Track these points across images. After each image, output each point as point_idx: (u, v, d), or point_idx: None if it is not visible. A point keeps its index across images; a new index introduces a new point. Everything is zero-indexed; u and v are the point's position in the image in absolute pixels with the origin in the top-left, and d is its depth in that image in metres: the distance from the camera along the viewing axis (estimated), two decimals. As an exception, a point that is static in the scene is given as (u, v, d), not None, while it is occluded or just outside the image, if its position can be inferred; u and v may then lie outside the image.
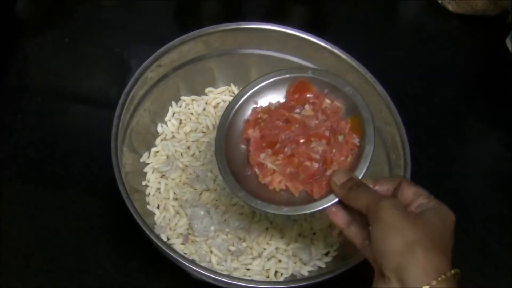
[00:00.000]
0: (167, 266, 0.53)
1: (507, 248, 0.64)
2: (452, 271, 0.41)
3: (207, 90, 0.68)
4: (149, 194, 0.61)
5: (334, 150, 0.51)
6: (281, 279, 0.57)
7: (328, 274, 0.52)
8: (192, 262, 0.51)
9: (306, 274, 0.57)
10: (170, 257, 0.51)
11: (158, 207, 0.60)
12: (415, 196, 0.46)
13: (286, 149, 0.52)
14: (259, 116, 0.54)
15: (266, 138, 0.53)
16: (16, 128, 0.66)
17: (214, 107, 0.67)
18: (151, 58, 0.60)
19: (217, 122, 0.59)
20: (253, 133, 0.54)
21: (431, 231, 0.42)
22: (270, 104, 0.55)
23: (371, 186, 0.48)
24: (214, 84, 0.68)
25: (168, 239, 0.58)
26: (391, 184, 0.48)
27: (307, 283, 0.52)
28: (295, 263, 0.58)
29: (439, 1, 0.84)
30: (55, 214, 0.60)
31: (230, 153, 0.53)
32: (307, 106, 0.54)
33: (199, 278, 0.52)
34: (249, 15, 0.80)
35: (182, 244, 0.58)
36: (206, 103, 0.67)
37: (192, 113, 0.66)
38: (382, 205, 0.44)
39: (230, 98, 0.67)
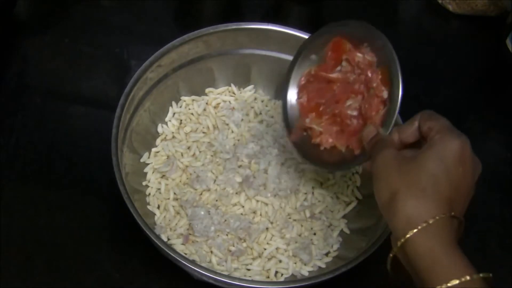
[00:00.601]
0: (167, 266, 0.53)
1: (507, 248, 0.64)
2: (445, 215, 0.40)
3: (207, 90, 0.68)
4: (150, 194, 0.61)
5: (366, 106, 0.52)
6: (281, 279, 0.57)
7: (328, 274, 0.52)
8: (193, 262, 0.51)
9: (306, 274, 0.58)
10: (170, 258, 0.51)
11: (158, 207, 0.60)
12: (429, 130, 0.45)
13: (328, 109, 0.55)
14: (307, 79, 0.57)
15: (310, 101, 0.56)
16: (16, 128, 0.66)
17: (215, 107, 0.67)
18: (151, 59, 0.60)
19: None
20: (300, 99, 0.57)
21: (415, 177, 0.41)
22: (310, 68, 0.57)
23: (396, 136, 0.47)
24: (214, 84, 0.68)
25: (169, 239, 0.58)
26: (412, 127, 0.47)
27: (307, 283, 0.52)
28: (295, 263, 0.58)
29: (439, 1, 0.84)
30: (55, 214, 0.60)
31: None
32: (344, 63, 0.55)
33: (199, 279, 0.52)
34: (249, 16, 0.80)
35: (183, 244, 0.58)
36: (207, 103, 0.67)
37: (192, 114, 0.66)
38: (377, 156, 0.44)
39: (231, 98, 0.67)
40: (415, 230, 0.39)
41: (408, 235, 0.39)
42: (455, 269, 0.38)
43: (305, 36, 0.62)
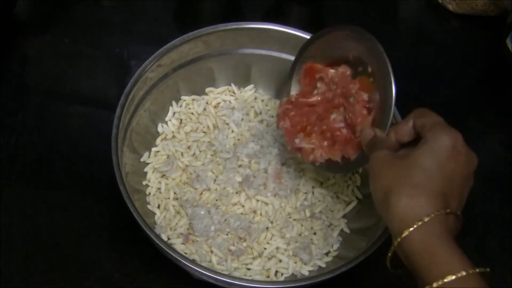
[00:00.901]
0: (168, 266, 0.53)
1: (507, 248, 0.64)
2: (439, 212, 0.40)
3: (207, 90, 0.68)
4: (150, 194, 0.61)
5: (350, 114, 0.54)
6: (282, 279, 0.57)
7: (328, 274, 0.52)
8: (193, 262, 0.51)
9: (306, 274, 0.57)
10: (170, 257, 0.51)
11: (158, 207, 0.60)
12: (421, 129, 0.45)
13: (315, 128, 0.57)
14: (286, 107, 0.59)
15: (295, 126, 0.58)
16: (16, 128, 0.66)
17: (215, 107, 0.67)
18: (151, 58, 0.60)
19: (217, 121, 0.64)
20: (284, 124, 0.59)
21: (408, 174, 0.41)
22: (291, 95, 0.59)
23: (393, 135, 0.48)
24: (214, 84, 0.68)
25: (169, 239, 0.58)
26: (407, 126, 0.47)
27: (307, 283, 0.52)
28: (295, 263, 0.58)
29: (439, 1, 0.84)
30: (55, 214, 0.60)
31: None
32: (319, 84, 0.58)
33: (199, 278, 0.52)
34: (249, 15, 0.80)
35: (183, 244, 0.58)
36: (207, 103, 0.67)
37: (192, 113, 0.66)
38: (370, 159, 0.45)
39: (231, 98, 0.67)
40: (410, 229, 0.39)
41: (404, 234, 0.39)
42: (451, 265, 0.38)
43: (305, 35, 0.62)
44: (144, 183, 0.61)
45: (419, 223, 0.39)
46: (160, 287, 0.58)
